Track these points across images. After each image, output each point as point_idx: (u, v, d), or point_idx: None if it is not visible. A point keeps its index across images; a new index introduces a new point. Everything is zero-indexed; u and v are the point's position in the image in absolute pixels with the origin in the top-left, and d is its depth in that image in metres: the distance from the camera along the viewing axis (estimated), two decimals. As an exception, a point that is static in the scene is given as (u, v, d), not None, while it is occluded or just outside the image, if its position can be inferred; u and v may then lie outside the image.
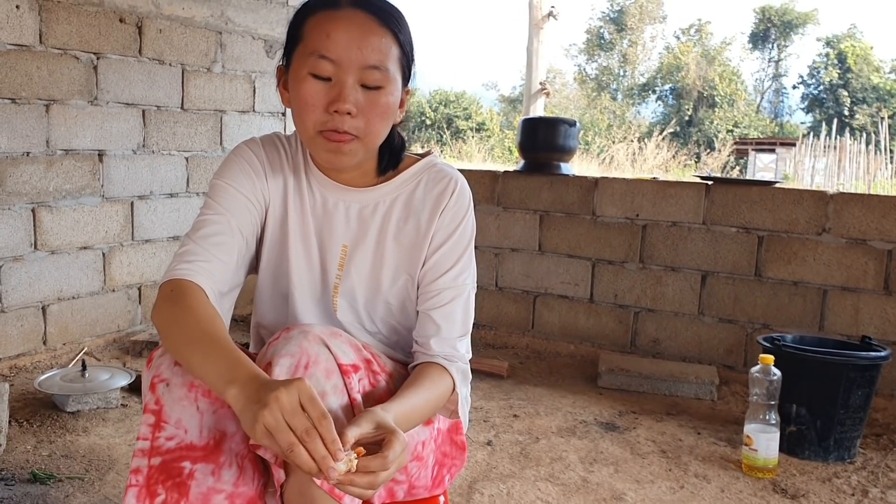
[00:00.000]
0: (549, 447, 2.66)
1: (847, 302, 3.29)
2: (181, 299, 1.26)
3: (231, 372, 1.13)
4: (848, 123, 24.17)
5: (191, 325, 1.22)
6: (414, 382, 1.35)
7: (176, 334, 1.23)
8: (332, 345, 1.28)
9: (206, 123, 3.91)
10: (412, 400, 1.30)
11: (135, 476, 1.22)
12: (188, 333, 1.21)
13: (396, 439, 1.15)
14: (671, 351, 3.63)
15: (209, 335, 1.20)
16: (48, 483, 2.24)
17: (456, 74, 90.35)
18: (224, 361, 1.15)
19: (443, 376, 1.40)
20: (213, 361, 1.16)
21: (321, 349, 1.27)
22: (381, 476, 1.12)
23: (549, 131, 3.95)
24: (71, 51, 3.25)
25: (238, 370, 1.13)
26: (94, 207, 3.43)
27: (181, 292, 1.28)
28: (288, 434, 1.04)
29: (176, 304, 1.26)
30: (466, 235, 1.47)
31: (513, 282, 3.96)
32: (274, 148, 1.48)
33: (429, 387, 1.35)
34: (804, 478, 2.51)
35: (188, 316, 1.24)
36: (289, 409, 1.05)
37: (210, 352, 1.18)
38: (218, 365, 1.15)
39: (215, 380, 1.15)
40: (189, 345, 1.21)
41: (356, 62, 1.30)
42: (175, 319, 1.24)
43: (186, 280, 1.30)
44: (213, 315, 1.25)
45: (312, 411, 1.06)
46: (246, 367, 1.14)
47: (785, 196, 3.39)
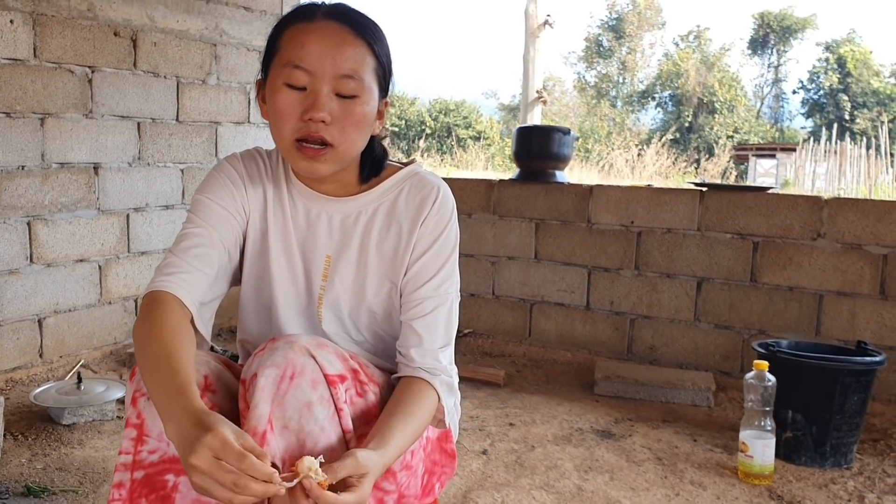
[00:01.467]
0: (545, 455, 2.65)
1: (843, 307, 3.29)
2: (151, 314, 1.27)
3: (168, 408, 1.13)
4: (848, 128, 24.15)
5: (152, 348, 1.22)
6: (402, 410, 1.34)
7: (141, 353, 1.24)
8: (318, 355, 1.28)
9: (202, 135, 3.92)
10: (403, 434, 1.29)
11: (117, 490, 1.22)
12: (149, 354, 1.22)
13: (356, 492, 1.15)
14: (667, 357, 3.62)
15: (164, 358, 1.20)
16: (42, 496, 2.24)
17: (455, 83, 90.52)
18: (166, 394, 1.15)
19: (428, 394, 1.40)
20: (158, 393, 1.17)
21: (307, 360, 1.27)
22: None
23: (544, 140, 3.96)
24: (65, 64, 3.26)
25: (173, 406, 1.13)
26: (90, 220, 3.44)
27: (156, 305, 1.29)
28: (222, 491, 1.05)
29: (147, 320, 1.27)
30: (449, 245, 1.47)
31: (509, 290, 3.96)
32: (253, 161, 1.49)
33: (417, 413, 1.35)
34: (801, 484, 2.50)
35: (153, 337, 1.24)
36: (207, 471, 1.04)
37: (160, 381, 1.17)
38: (161, 397, 1.15)
39: (160, 412, 1.15)
40: (147, 367, 1.21)
41: (330, 71, 1.31)
42: (143, 339, 1.25)
43: (164, 292, 1.30)
44: (177, 336, 1.25)
45: (229, 459, 1.04)
46: (179, 402, 1.13)
47: (779, 202, 3.39)
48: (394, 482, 1.38)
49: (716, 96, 27.81)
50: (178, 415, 1.11)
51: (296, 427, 1.23)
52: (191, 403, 1.12)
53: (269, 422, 1.21)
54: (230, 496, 1.04)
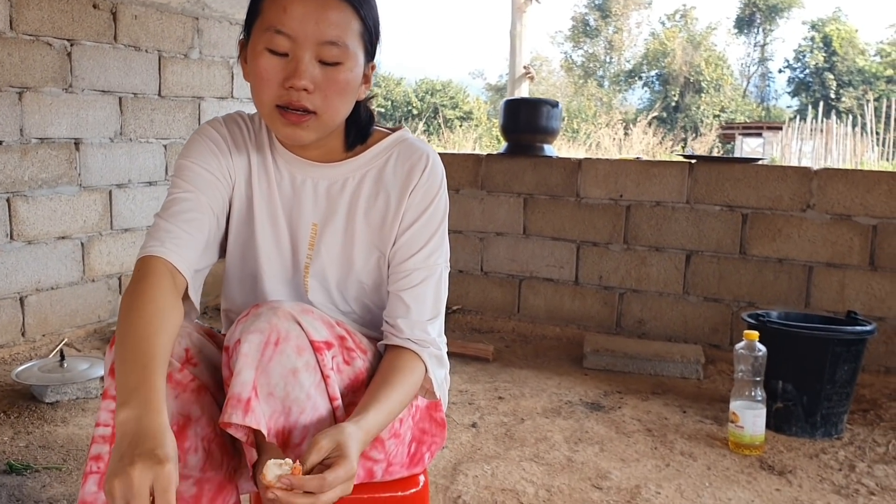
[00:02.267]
0: (534, 428, 2.63)
1: (832, 278, 3.28)
2: (141, 284, 1.23)
3: (130, 393, 1.08)
4: (834, 106, 24.21)
5: (134, 322, 1.17)
6: (387, 380, 1.30)
7: (121, 325, 1.19)
8: (303, 321, 1.25)
9: (184, 110, 3.86)
10: (387, 406, 1.26)
11: (95, 463, 1.18)
12: (127, 329, 1.17)
13: (342, 465, 1.11)
14: (656, 331, 3.61)
15: (144, 341, 1.15)
16: (24, 473, 2.21)
17: (442, 63, 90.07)
18: (133, 377, 1.10)
19: (415, 366, 1.36)
20: (125, 371, 1.11)
21: (292, 325, 1.23)
22: (321, 498, 1.08)
23: (532, 112, 3.92)
24: (43, 37, 3.19)
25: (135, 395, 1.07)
26: (72, 196, 3.38)
27: (145, 275, 1.24)
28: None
29: (135, 291, 1.22)
30: (438, 214, 1.43)
31: (498, 266, 3.93)
32: (237, 126, 1.45)
33: (402, 384, 1.31)
34: (791, 454, 2.50)
35: (137, 310, 1.19)
36: (135, 492, 0.99)
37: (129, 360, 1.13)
38: (127, 378, 1.10)
39: (119, 390, 1.10)
40: (121, 342, 1.16)
41: (312, 37, 1.26)
42: (128, 308, 1.20)
43: (157, 258, 1.26)
44: (162, 314, 1.20)
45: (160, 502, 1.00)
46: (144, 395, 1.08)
47: (769, 173, 3.37)
48: (382, 450, 1.35)
49: (702, 75, 27.81)
50: (141, 408, 1.06)
51: (281, 394, 1.20)
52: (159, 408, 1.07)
53: (253, 388, 1.18)
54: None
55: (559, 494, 2.16)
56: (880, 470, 2.39)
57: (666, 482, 2.26)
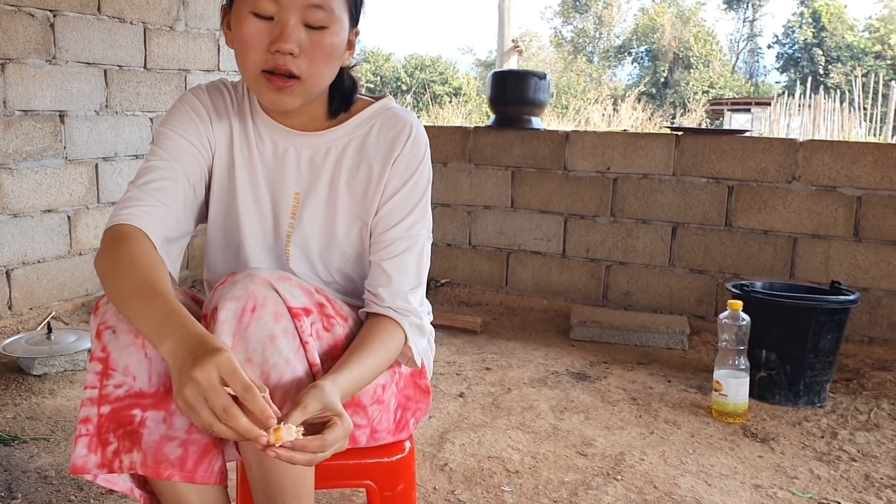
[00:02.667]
0: (521, 397, 2.66)
1: (817, 249, 3.30)
2: (120, 245, 1.23)
3: (163, 326, 1.10)
4: (823, 82, 24.21)
5: (128, 273, 1.19)
6: (364, 344, 1.31)
7: (114, 283, 1.20)
8: (280, 288, 1.25)
9: (170, 83, 3.83)
10: (361, 367, 1.27)
11: (84, 425, 1.19)
12: (125, 282, 1.18)
13: (340, 423, 1.13)
14: (642, 303, 3.63)
15: (146, 284, 1.16)
16: (12, 444, 2.21)
17: (431, 39, 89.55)
18: (158, 314, 1.12)
19: (394, 333, 1.37)
20: (147, 313, 1.13)
21: (269, 292, 1.23)
22: (318, 456, 1.11)
23: (519, 84, 3.91)
24: (25, 7, 3.16)
25: (168, 325, 1.10)
26: (58, 169, 3.36)
27: (121, 237, 1.24)
28: (206, 412, 1.02)
29: (115, 250, 1.22)
30: (421, 184, 1.43)
31: (486, 239, 3.94)
32: (219, 93, 1.44)
33: (378, 349, 1.32)
34: (774, 422, 2.53)
35: (126, 263, 1.20)
36: (206, 388, 1.01)
37: (145, 303, 1.14)
38: (152, 317, 1.12)
39: (149, 333, 1.12)
40: (126, 295, 1.17)
41: (298, 1, 1.26)
42: (113, 266, 1.21)
43: (128, 225, 1.26)
44: (153, 262, 1.22)
45: (235, 385, 1.02)
46: (178, 320, 1.10)
47: (755, 145, 3.38)
48: (365, 416, 1.36)
49: (691, 51, 27.75)
50: (178, 334, 1.08)
51: (259, 360, 1.20)
52: (193, 325, 1.10)
53: None
54: (212, 422, 1.02)
55: (544, 461, 2.18)
56: (862, 437, 2.42)
57: (650, 449, 2.29)
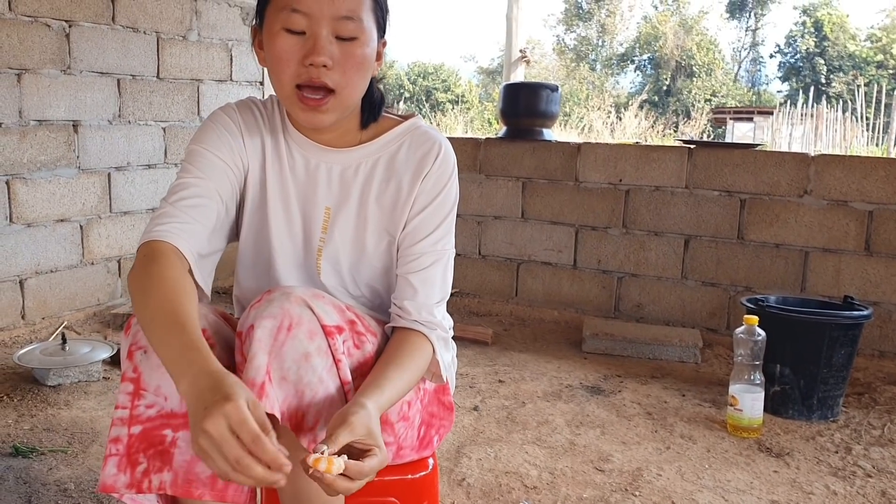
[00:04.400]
0: (536, 411, 2.66)
1: (828, 263, 3.31)
2: (152, 265, 1.23)
3: (179, 362, 1.09)
4: (824, 91, 24.24)
5: (155, 299, 1.18)
6: (396, 359, 1.32)
7: (140, 307, 1.19)
8: (314, 306, 1.25)
9: (183, 93, 3.84)
10: (396, 384, 1.28)
11: (114, 445, 1.19)
12: (152, 309, 1.17)
13: (378, 454, 1.14)
14: (655, 315, 3.64)
15: (170, 313, 1.15)
16: (30, 456, 2.21)
17: (434, 47, 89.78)
18: (178, 349, 1.11)
19: (423, 348, 1.38)
20: (167, 344, 1.12)
21: (304, 310, 1.24)
22: (356, 483, 1.11)
23: (531, 97, 3.92)
24: (42, 18, 3.17)
25: (184, 361, 1.09)
26: (71, 179, 3.37)
27: (154, 257, 1.24)
28: (221, 463, 1.01)
29: (146, 271, 1.22)
30: (449, 201, 1.45)
31: (496, 249, 3.95)
32: (249, 111, 1.45)
33: (410, 364, 1.33)
34: (788, 436, 2.53)
35: (155, 288, 1.20)
36: (218, 441, 1.00)
37: (166, 333, 1.13)
38: (172, 351, 1.11)
39: (168, 366, 1.11)
40: (151, 322, 1.17)
41: (329, 13, 1.28)
42: (143, 290, 1.20)
43: (162, 242, 1.26)
44: (181, 288, 1.21)
45: (244, 436, 1.01)
46: (193, 356, 1.09)
47: (767, 159, 3.39)
48: (392, 434, 1.37)
49: (694, 59, 27.79)
50: (192, 372, 1.07)
51: (294, 378, 1.21)
52: (207, 363, 1.08)
53: (266, 373, 1.19)
54: (228, 471, 1.01)
55: (562, 477, 2.19)
56: (876, 452, 2.42)
57: (667, 464, 2.29)
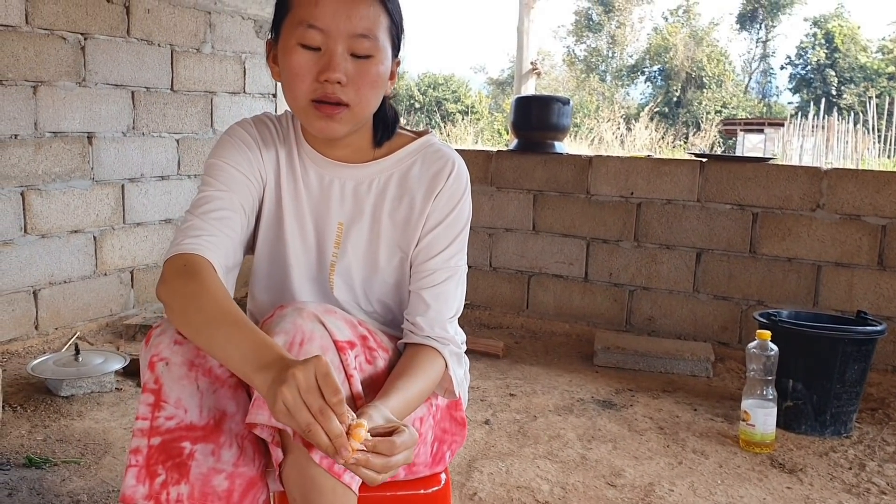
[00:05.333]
0: (547, 425, 2.65)
1: (841, 278, 3.30)
2: (195, 276, 1.23)
3: (259, 356, 1.11)
4: (836, 103, 24.18)
5: (209, 304, 1.19)
6: (407, 371, 1.33)
7: (193, 313, 1.20)
8: (326, 321, 1.26)
9: (197, 105, 3.87)
10: (406, 393, 1.28)
11: (134, 456, 1.20)
12: (208, 313, 1.19)
13: (407, 430, 1.14)
14: (666, 329, 3.63)
15: (231, 315, 1.17)
16: (44, 467, 2.22)
17: (444, 58, 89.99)
18: (250, 344, 1.13)
19: (435, 362, 1.38)
20: (237, 344, 1.14)
21: (316, 326, 1.25)
22: (392, 461, 1.10)
23: (543, 110, 3.93)
24: (58, 31, 3.20)
25: (265, 354, 1.11)
26: (85, 191, 3.39)
27: (194, 268, 1.25)
28: (305, 413, 1.03)
29: (190, 280, 1.23)
30: (462, 218, 1.46)
31: (507, 262, 3.95)
32: (265, 126, 1.47)
33: (421, 376, 1.34)
34: (801, 452, 2.52)
35: (205, 294, 1.21)
36: (304, 387, 1.03)
37: (234, 334, 1.15)
38: (244, 348, 1.13)
39: (241, 364, 1.12)
40: (210, 325, 1.18)
41: (345, 30, 1.29)
42: (192, 297, 1.21)
43: (196, 255, 1.27)
44: (228, 294, 1.23)
45: (325, 388, 1.04)
46: (272, 349, 1.12)
47: (779, 173, 3.38)
48: (405, 450, 1.37)
49: (704, 71, 27.78)
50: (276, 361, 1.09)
51: None
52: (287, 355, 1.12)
53: None
54: (311, 423, 1.03)
55: (574, 492, 2.18)
56: (890, 469, 2.41)
57: (679, 480, 2.28)
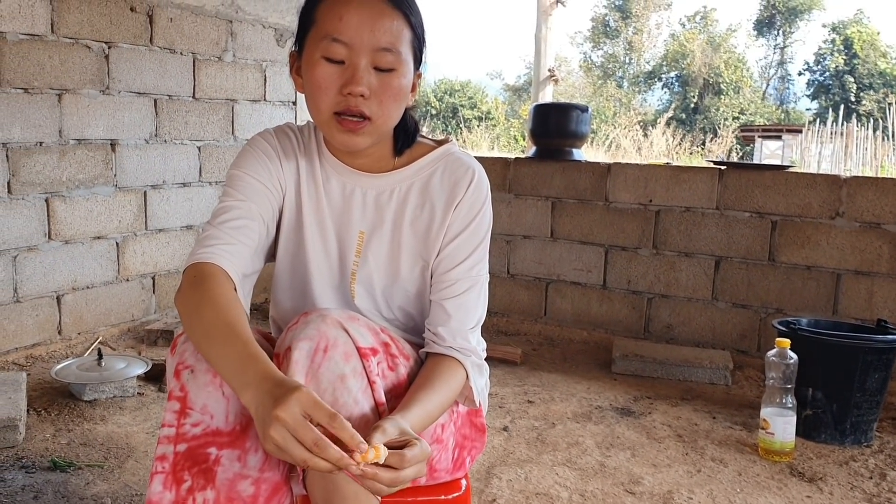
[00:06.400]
0: (566, 432, 2.66)
1: (861, 286, 3.29)
2: (202, 285, 1.26)
3: (243, 372, 1.13)
4: (854, 109, 24.00)
5: (209, 315, 1.22)
6: (428, 383, 1.34)
7: (195, 324, 1.23)
8: (350, 328, 1.28)
9: (218, 112, 3.91)
10: (427, 405, 1.30)
11: (160, 463, 1.22)
12: (206, 324, 1.21)
13: (419, 444, 1.16)
14: (685, 336, 3.63)
15: (226, 328, 1.19)
16: (68, 471, 2.25)
17: (461, 64, 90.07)
18: (238, 360, 1.15)
19: (456, 372, 1.40)
20: (227, 358, 1.16)
21: (339, 332, 1.26)
22: (401, 475, 1.12)
23: (561, 117, 3.94)
24: (82, 40, 3.25)
25: (249, 371, 1.13)
26: (108, 197, 3.43)
27: (203, 277, 1.28)
28: (298, 449, 1.04)
29: (197, 290, 1.26)
30: (483, 227, 1.47)
31: (525, 269, 3.96)
32: (286, 136, 1.49)
33: (442, 388, 1.35)
34: (821, 461, 2.51)
35: (207, 305, 1.23)
36: (293, 426, 1.04)
37: (225, 346, 1.17)
38: (232, 363, 1.15)
39: (230, 378, 1.15)
40: (206, 337, 1.20)
41: (368, 45, 1.31)
42: (195, 307, 1.24)
43: (209, 263, 1.30)
44: (233, 305, 1.25)
45: (320, 417, 1.05)
46: (258, 366, 1.13)
47: (798, 180, 3.38)
48: (426, 456, 1.38)
49: (722, 77, 27.67)
50: (256, 379, 1.11)
51: (330, 399, 1.23)
52: (271, 370, 1.13)
53: None
54: (306, 457, 1.04)
55: (593, 499, 2.19)
56: (911, 479, 2.40)
57: (698, 488, 2.28)
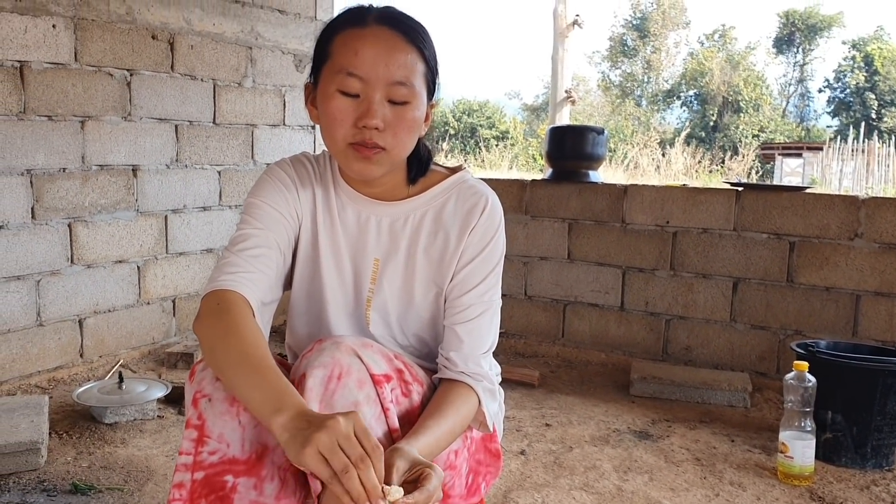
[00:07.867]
0: (583, 456, 2.65)
1: (881, 307, 3.26)
2: (226, 314, 1.28)
3: (278, 401, 1.14)
4: (876, 126, 23.86)
5: (235, 345, 1.23)
6: (439, 409, 1.36)
7: (220, 353, 1.25)
8: (363, 355, 1.30)
9: (238, 137, 3.96)
10: (436, 431, 1.31)
11: (178, 490, 1.23)
12: (233, 354, 1.23)
13: (433, 473, 1.17)
14: (703, 358, 3.61)
15: (254, 358, 1.21)
16: (89, 494, 2.27)
17: (479, 84, 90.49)
18: (270, 389, 1.16)
19: (468, 398, 1.41)
20: (258, 387, 1.18)
21: (353, 360, 1.28)
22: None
23: (578, 139, 3.95)
24: (105, 68, 3.31)
25: (284, 400, 1.14)
26: (129, 221, 3.48)
27: (227, 306, 1.30)
28: (341, 456, 1.06)
29: (221, 319, 1.28)
30: (496, 254, 1.49)
31: (542, 290, 3.96)
32: (302, 166, 1.52)
33: (453, 414, 1.37)
34: (841, 485, 2.49)
35: (233, 335, 1.25)
36: (344, 435, 1.06)
37: (255, 377, 1.19)
38: (263, 392, 1.17)
39: (260, 407, 1.16)
40: (233, 367, 1.22)
41: (383, 78, 1.33)
42: (220, 337, 1.26)
43: (231, 291, 1.32)
44: (257, 334, 1.27)
45: (366, 443, 1.08)
46: (292, 397, 1.15)
47: (816, 201, 3.37)
48: (440, 482, 1.39)
49: (741, 95, 27.61)
50: (291, 411, 1.12)
51: None
52: (303, 403, 1.15)
53: None
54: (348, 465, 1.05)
55: (610, 523, 2.18)
56: (933, 503, 2.37)
57: (716, 512, 2.27)
